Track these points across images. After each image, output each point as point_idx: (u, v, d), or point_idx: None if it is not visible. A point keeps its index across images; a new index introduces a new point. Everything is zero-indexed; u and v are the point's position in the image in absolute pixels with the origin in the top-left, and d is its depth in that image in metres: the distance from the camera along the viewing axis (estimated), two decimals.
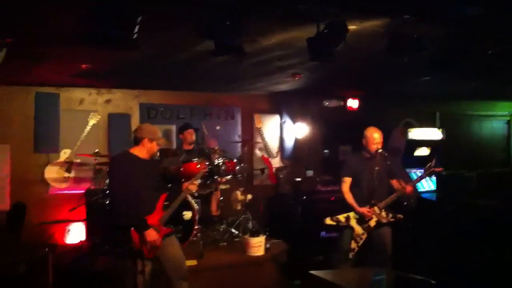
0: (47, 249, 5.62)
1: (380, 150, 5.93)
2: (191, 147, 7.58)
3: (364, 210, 5.92)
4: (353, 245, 5.94)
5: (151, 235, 4.75)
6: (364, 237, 5.95)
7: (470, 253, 7.02)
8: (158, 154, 5.16)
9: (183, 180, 6.44)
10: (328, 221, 6.08)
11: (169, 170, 6.71)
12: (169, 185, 5.44)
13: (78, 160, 8.20)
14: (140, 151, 4.94)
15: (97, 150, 7.61)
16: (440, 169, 5.92)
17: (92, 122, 8.23)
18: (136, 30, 3.52)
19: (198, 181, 5.47)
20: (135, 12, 3.67)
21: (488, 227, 7.59)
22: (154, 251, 4.85)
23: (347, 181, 6.08)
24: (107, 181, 7.35)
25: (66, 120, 8.29)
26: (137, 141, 4.96)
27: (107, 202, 6.98)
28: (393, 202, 5.98)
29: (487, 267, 6.21)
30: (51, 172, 8.10)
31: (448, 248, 7.36)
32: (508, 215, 7.89)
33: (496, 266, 6.22)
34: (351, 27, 4.32)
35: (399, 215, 6.03)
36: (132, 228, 4.75)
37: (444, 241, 7.51)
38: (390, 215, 5.99)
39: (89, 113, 8.28)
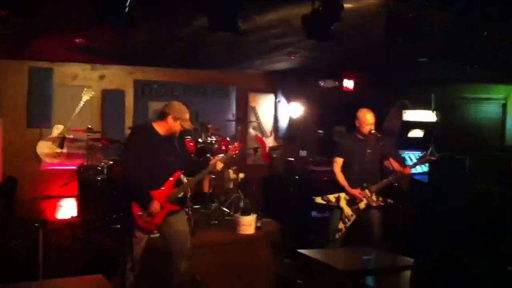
0: (37, 224, 5.60)
1: (373, 131, 5.93)
2: None
3: (356, 192, 5.94)
4: (341, 225, 5.97)
5: (154, 208, 4.72)
6: (352, 218, 5.97)
7: (463, 235, 7.06)
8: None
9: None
10: (318, 200, 6.11)
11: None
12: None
13: (71, 136, 8.17)
14: (161, 127, 4.88)
15: (89, 126, 7.57)
16: (435, 158, 5.92)
17: (85, 97, 8.16)
18: (127, 3, 3.46)
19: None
20: None
21: (481, 210, 7.64)
22: (152, 226, 4.82)
23: (339, 162, 6.09)
24: (100, 156, 7.39)
25: (59, 95, 8.24)
26: (162, 116, 4.89)
27: (99, 178, 6.98)
28: (384, 186, 5.99)
29: (478, 250, 6.25)
30: (44, 148, 8.07)
31: (440, 230, 7.40)
32: (502, 199, 7.93)
33: (488, 249, 6.26)
34: (347, 5, 4.27)
35: (389, 200, 6.05)
36: (134, 200, 4.74)
37: (436, 223, 7.55)
38: (381, 199, 6.01)
39: (83, 88, 8.21)
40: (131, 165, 4.73)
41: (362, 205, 5.97)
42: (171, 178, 4.90)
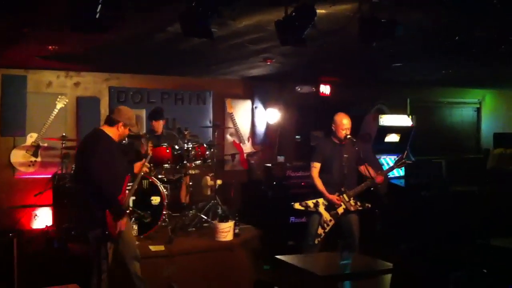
0: (11, 234, 5.51)
1: (348, 136, 5.96)
2: (160, 131, 7.51)
3: (334, 197, 5.96)
4: (320, 230, 5.98)
5: (124, 217, 4.75)
6: (331, 223, 6.00)
7: (440, 238, 7.13)
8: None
9: (152, 165, 6.41)
10: (297, 205, 6.11)
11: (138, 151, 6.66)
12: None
13: (45, 144, 8.06)
14: (112, 133, 4.89)
15: (64, 134, 7.48)
16: (410, 161, 5.99)
17: (59, 105, 8.07)
18: (98, 9, 3.42)
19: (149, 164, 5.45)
20: None
21: (459, 212, 7.72)
22: (120, 233, 4.81)
23: (316, 166, 6.10)
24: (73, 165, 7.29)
25: (33, 103, 8.11)
26: (112, 122, 4.89)
27: (74, 186, 6.89)
28: (362, 191, 6.02)
29: (456, 251, 6.31)
30: (17, 156, 7.95)
31: (417, 234, 7.46)
32: (478, 200, 8.03)
33: (465, 250, 6.32)
34: (321, 11, 4.28)
35: (367, 204, 6.09)
36: (107, 210, 4.65)
37: (413, 226, 7.61)
38: (358, 204, 6.05)
39: (57, 96, 8.12)
40: (104, 174, 4.64)
41: (340, 210, 6.00)
42: (125, 183, 4.93)
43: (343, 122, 6.00)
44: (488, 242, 5.92)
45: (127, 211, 4.99)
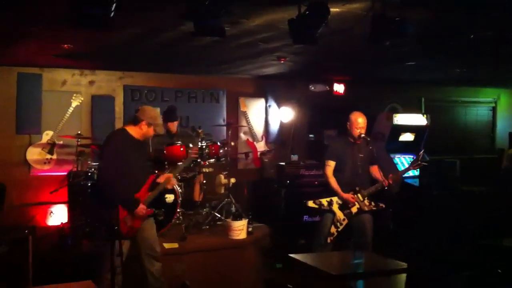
0: (26, 231, 5.57)
1: (362, 135, 5.94)
2: (175, 130, 7.54)
3: (349, 196, 5.94)
4: (333, 229, 5.97)
5: (142, 210, 4.80)
6: (344, 222, 5.98)
7: (454, 238, 7.08)
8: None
9: (166, 163, 6.44)
10: (310, 203, 6.09)
11: (158, 152, 6.69)
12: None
13: (61, 142, 8.13)
14: (135, 132, 4.94)
15: (79, 132, 7.54)
16: (426, 163, 5.96)
17: (75, 103, 8.15)
18: (113, 8, 3.45)
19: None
20: None
21: (472, 213, 7.66)
22: (133, 230, 4.86)
23: (331, 165, 6.07)
24: (90, 162, 7.35)
25: (48, 101, 8.19)
26: (135, 121, 4.94)
27: (89, 183, 6.95)
28: (376, 191, 6.00)
29: (469, 252, 6.27)
30: (33, 154, 8.04)
31: (429, 233, 7.41)
32: (491, 201, 7.96)
33: (479, 251, 6.28)
34: (334, 9, 4.28)
35: (381, 204, 6.06)
36: (120, 205, 4.75)
37: (425, 226, 7.57)
38: (373, 204, 6.02)
39: (72, 94, 8.19)
40: (115, 169, 4.75)
41: (354, 209, 5.98)
42: (147, 183, 4.97)
43: (358, 121, 5.98)
44: (501, 242, 5.87)
45: (149, 210, 4.98)
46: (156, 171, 5.68)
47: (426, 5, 4.44)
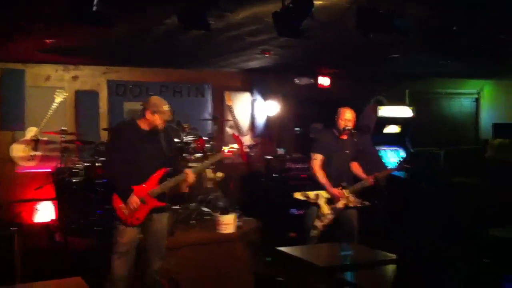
0: (12, 228, 5.52)
1: (347, 127, 5.94)
2: None
3: (336, 191, 5.91)
4: (317, 223, 5.95)
5: (132, 201, 4.79)
6: (330, 217, 5.95)
7: (441, 229, 7.14)
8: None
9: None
10: (297, 195, 6.03)
11: None
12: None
13: (45, 138, 8.06)
14: (143, 123, 5.00)
15: (63, 128, 7.47)
16: (411, 165, 5.99)
17: (58, 99, 8.06)
18: (94, 2, 3.42)
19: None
20: None
21: (458, 203, 7.73)
22: (133, 220, 4.85)
23: (318, 158, 6.00)
24: (75, 158, 7.31)
25: (32, 97, 8.10)
26: (142, 112, 5.03)
27: (75, 180, 6.91)
28: (362, 189, 6.01)
29: (457, 242, 6.33)
30: (17, 150, 7.95)
31: (417, 226, 7.47)
32: (477, 191, 8.04)
33: (465, 242, 6.34)
34: (318, 2, 4.28)
35: (366, 202, 6.06)
36: (115, 193, 4.84)
37: (412, 218, 7.62)
38: (358, 200, 6.03)
39: (55, 90, 8.10)
40: (114, 158, 4.96)
41: (340, 204, 5.96)
42: (155, 174, 4.94)
43: (345, 114, 5.97)
44: (487, 232, 5.94)
45: (156, 202, 4.99)
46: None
47: None
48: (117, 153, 4.91)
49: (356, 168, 6.12)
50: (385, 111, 9.18)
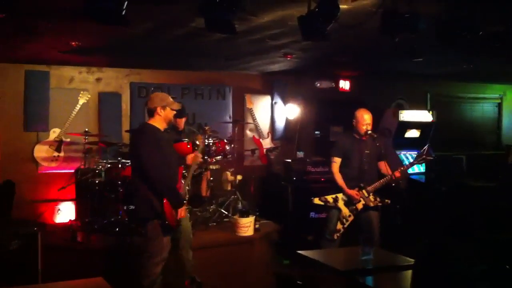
0: (36, 228, 5.59)
1: (369, 132, 5.95)
2: (182, 127, 7.56)
3: (353, 192, 5.96)
4: (339, 226, 5.99)
5: (183, 210, 4.90)
6: (350, 219, 5.99)
7: (460, 234, 7.08)
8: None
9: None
10: (316, 200, 6.12)
11: None
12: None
13: (68, 139, 8.16)
14: (158, 122, 4.89)
15: (87, 129, 7.56)
16: (431, 157, 5.92)
17: (82, 101, 8.16)
18: (125, 6, 3.46)
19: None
20: None
21: (479, 208, 7.65)
22: (178, 223, 4.95)
23: (337, 161, 6.11)
24: (97, 159, 7.37)
25: (56, 98, 8.20)
26: (151, 113, 4.90)
27: (97, 181, 6.98)
28: (382, 186, 6.01)
29: (477, 247, 6.26)
30: (41, 151, 8.06)
31: (438, 230, 7.41)
32: (498, 196, 7.96)
33: (486, 246, 6.28)
34: (343, 6, 4.28)
35: (386, 200, 6.08)
36: (165, 199, 4.75)
37: (433, 222, 7.57)
38: (378, 199, 6.04)
39: (79, 91, 8.20)
40: (159, 164, 4.71)
41: (359, 205, 6.00)
42: (179, 173, 5.08)
43: (364, 118, 5.99)
44: (509, 237, 5.87)
45: (185, 201, 5.12)
46: None
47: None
48: (159, 157, 4.74)
49: (383, 167, 6.09)
50: (406, 115, 9.13)
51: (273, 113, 9.81)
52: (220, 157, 7.27)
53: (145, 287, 4.89)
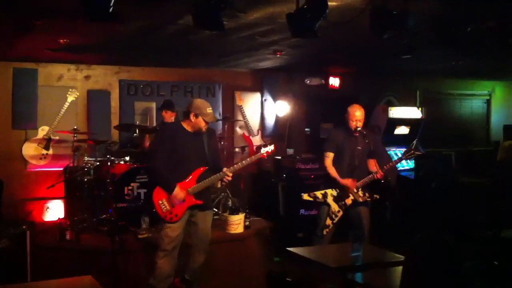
0: (24, 226, 5.55)
1: (359, 128, 5.95)
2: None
3: (348, 181, 5.93)
4: (328, 221, 5.99)
5: (177, 194, 4.99)
6: (339, 214, 5.99)
7: (450, 230, 7.12)
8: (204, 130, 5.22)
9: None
10: (305, 196, 6.11)
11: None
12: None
13: (57, 137, 8.11)
14: (187, 124, 5.17)
15: (75, 127, 7.51)
16: (420, 152, 5.92)
17: (70, 98, 8.10)
18: (112, 3, 3.44)
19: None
20: None
21: (468, 204, 7.70)
22: (172, 216, 5.03)
23: (330, 156, 6.09)
24: (86, 157, 7.33)
25: (44, 96, 8.17)
26: (186, 114, 5.18)
27: (86, 179, 6.95)
28: (370, 181, 6.01)
29: (466, 243, 6.31)
30: (29, 149, 8.02)
31: (427, 226, 7.45)
32: (489, 192, 8.01)
33: (475, 242, 6.32)
34: (332, 3, 4.28)
35: (375, 195, 6.08)
36: (158, 187, 5.06)
37: (422, 218, 7.61)
38: (367, 195, 6.04)
39: (67, 89, 8.15)
40: (159, 153, 5.11)
41: (348, 201, 6.00)
42: (194, 173, 5.11)
43: (355, 114, 5.98)
44: (498, 234, 5.91)
45: (193, 200, 5.14)
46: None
47: None
48: (163, 150, 5.08)
49: (372, 164, 6.11)
50: (395, 112, 9.16)
51: (263, 110, 9.81)
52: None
53: (154, 279, 5.10)
